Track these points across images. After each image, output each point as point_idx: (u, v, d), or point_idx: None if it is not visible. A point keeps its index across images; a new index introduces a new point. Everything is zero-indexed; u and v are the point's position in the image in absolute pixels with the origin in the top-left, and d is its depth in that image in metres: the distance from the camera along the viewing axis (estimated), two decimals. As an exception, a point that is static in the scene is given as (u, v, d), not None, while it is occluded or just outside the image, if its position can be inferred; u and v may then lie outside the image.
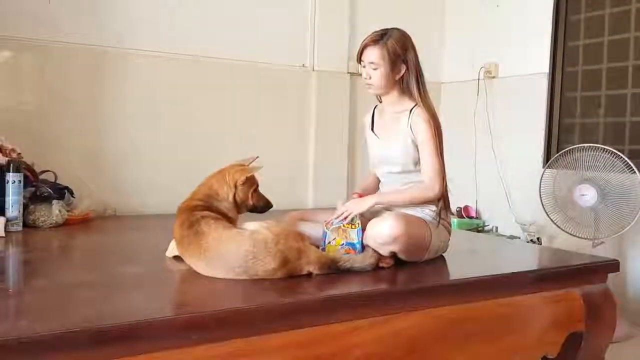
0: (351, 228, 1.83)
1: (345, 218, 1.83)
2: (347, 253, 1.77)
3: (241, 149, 3.23)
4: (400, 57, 1.87)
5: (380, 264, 1.74)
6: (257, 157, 1.87)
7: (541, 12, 3.50)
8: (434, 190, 1.85)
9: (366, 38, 1.90)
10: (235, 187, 1.75)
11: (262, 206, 1.85)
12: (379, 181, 2.10)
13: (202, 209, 1.69)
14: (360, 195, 1.99)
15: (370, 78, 1.91)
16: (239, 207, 1.79)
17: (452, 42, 4.08)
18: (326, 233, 1.85)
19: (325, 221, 1.88)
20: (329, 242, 1.83)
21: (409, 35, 1.92)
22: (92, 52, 2.87)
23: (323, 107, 3.53)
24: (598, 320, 1.90)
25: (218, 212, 1.72)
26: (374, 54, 1.87)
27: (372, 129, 2.05)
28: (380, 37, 1.87)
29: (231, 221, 1.74)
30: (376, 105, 2.08)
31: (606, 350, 1.98)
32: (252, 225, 1.63)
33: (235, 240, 1.57)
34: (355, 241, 1.80)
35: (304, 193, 3.52)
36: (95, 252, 2.11)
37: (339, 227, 1.83)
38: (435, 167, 1.85)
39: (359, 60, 1.94)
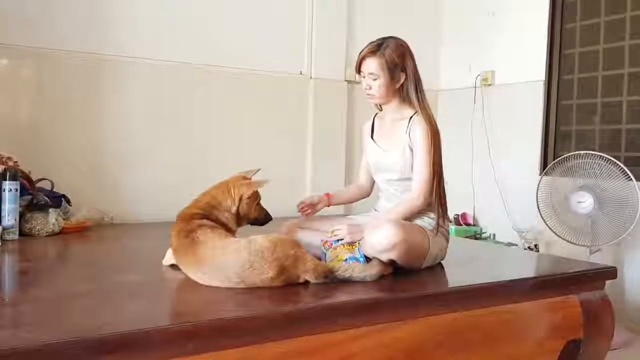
0: (352, 247, 1.82)
1: (346, 241, 1.83)
2: None
3: (239, 157, 3.27)
4: (399, 65, 1.88)
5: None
6: (259, 169, 1.88)
7: (537, 20, 3.52)
8: (419, 200, 1.86)
9: (364, 49, 1.91)
10: (240, 200, 1.76)
11: (262, 219, 1.86)
12: (360, 193, 2.15)
13: (201, 218, 1.69)
14: (328, 196, 2.12)
15: (370, 89, 1.92)
16: (241, 219, 1.79)
17: (449, 50, 4.10)
18: (325, 253, 1.84)
19: (322, 240, 1.88)
20: (331, 260, 1.80)
21: (406, 43, 1.93)
22: (90, 59, 2.88)
23: (320, 114, 3.54)
24: (596, 327, 1.90)
25: (218, 222, 1.71)
26: (372, 65, 1.88)
27: (372, 137, 2.05)
28: (378, 47, 1.88)
29: (230, 232, 1.74)
30: (376, 114, 2.09)
31: (604, 357, 1.98)
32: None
33: (231, 249, 1.57)
34: (358, 255, 1.78)
35: (301, 200, 3.51)
36: (92, 260, 2.10)
37: (338, 246, 1.83)
38: (423, 177, 1.86)
39: (358, 71, 1.94)
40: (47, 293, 1.51)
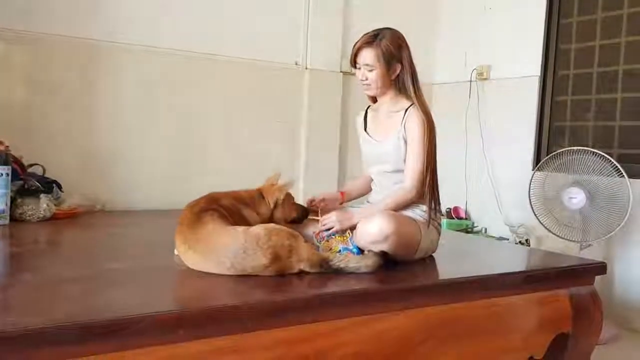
0: (344, 238, 1.83)
1: (336, 229, 1.85)
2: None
3: (233, 145, 3.26)
4: (395, 56, 1.87)
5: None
6: (280, 173, 1.97)
7: (533, 15, 3.52)
8: (411, 193, 1.86)
9: (359, 40, 1.90)
10: (276, 205, 1.85)
11: (302, 216, 1.95)
12: (370, 183, 2.10)
13: (224, 207, 1.71)
14: (342, 194, 2.07)
15: (366, 79, 1.90)
16: (279, 222, 1.82)
17: (445, 44, 4.09)
18: (318, 246, 1.85)
19: (314, 232, 1.90)
20: (324, 252, 1.81)
21: (401, 34, 1.92)
22: (84, 45, 2.85)
23: (315, 104, 3.53)
24: (585, 322, 1.91)
25: (235, 215, 1.73)
26: (368, 56, 1.87)
27: (365, 129, 2.05)
28: (374, 38, 1.87)
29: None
30: (369, 106, 2.08)
31: (592, 352, 2.00)
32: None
33: (227, 234, 1.57)
34: (351, 246, 1.79)
35: (295, 190, 3.50)
36: (83, 247, 2.09)
37: (331, 238, 1.84)
38: (416, 168, 1.86)
39: (354, 62, 1.93)
40: (38, 278, 1.51)
